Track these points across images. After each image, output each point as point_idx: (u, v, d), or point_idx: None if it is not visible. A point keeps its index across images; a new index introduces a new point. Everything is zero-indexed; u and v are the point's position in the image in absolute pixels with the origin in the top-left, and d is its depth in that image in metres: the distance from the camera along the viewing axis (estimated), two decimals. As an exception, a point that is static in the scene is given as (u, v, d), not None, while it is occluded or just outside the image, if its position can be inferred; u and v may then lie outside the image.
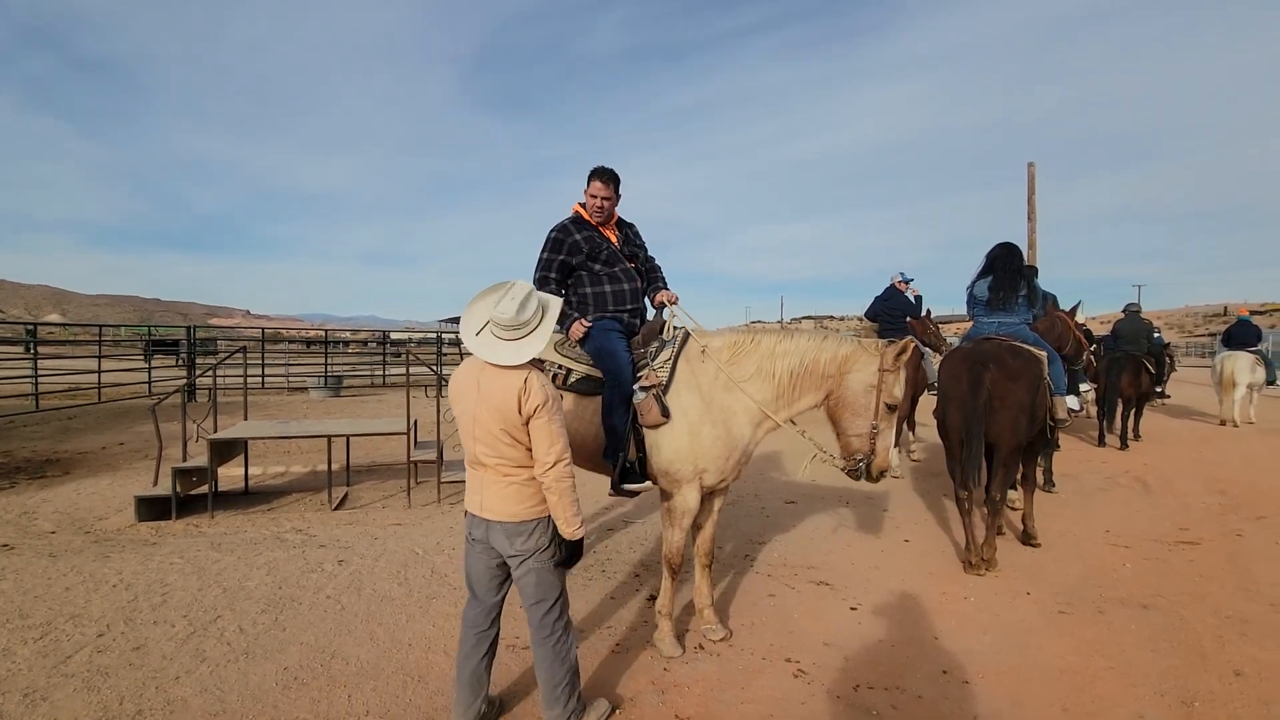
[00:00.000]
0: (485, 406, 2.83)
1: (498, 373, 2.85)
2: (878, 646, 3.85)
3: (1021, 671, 3.60)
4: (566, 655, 2.98)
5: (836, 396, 3.69)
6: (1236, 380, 11.74)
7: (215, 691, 3.34)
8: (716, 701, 3.30)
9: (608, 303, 4.11)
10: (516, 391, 2.78)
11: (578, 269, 4.13)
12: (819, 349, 3.72)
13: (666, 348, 3.92)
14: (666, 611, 3.81)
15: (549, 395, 2.83)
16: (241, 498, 7.04)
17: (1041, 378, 5.26)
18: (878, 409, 3.61)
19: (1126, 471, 8.44)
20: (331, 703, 3.26)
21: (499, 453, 2.86)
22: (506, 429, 2.82)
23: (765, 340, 3.81)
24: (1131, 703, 3.32)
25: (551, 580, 2.96)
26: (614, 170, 4.08)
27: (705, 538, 4.04)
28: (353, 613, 4.22)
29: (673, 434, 3.68)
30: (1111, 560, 5.26)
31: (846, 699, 3.33)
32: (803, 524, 6.19)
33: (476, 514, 2.96)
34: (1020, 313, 5.70)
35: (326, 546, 5.42)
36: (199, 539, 5.60)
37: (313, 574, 4.81)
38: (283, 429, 7.24)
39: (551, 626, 2.96)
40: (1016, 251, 5.75)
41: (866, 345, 3.73)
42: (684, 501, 3.72)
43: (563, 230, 4.10)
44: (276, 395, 16.00)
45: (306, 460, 8.68)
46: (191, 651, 3.71)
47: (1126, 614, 4.30)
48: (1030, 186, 17.19)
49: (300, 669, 3.56)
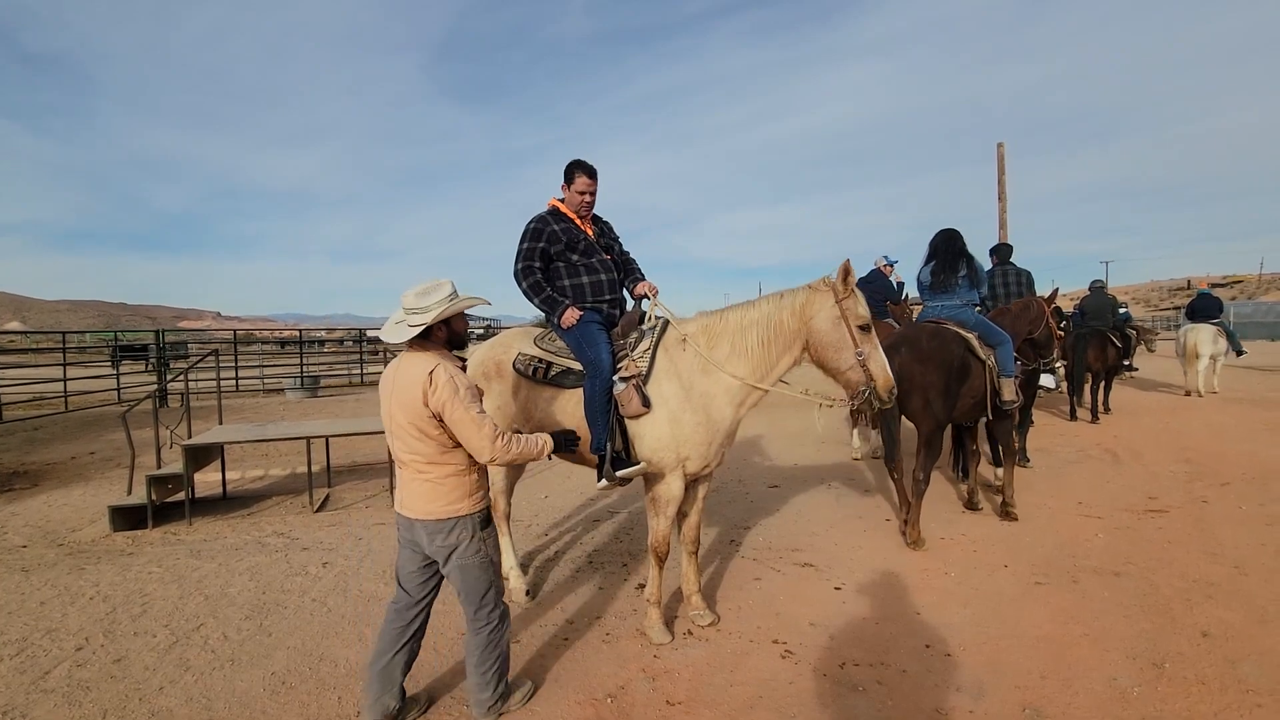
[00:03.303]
0: (397, 401, 2.89)
1: (407, 368, 2.90)
2: (862, 624, 3.93)
3: (1001, 642, 3.69)
4: (499, 644, 3.07)
5: (813, 343, 3.69)
6: (1200, 352, 12.02)
7: (201, 700, 3.31)
8: (706, 685, 3.34)
9: (586, 294, 4.11)
10: (421, 384, 2.81)
11: (556, 260, 4.13)
12: (778, 307, 3.73)
13: (645, 337, 3.93)
14: (655, 599, 3.85)
15: (458, 386, 2.84)
16: (220, 503, 6.93)
17: (964, 359, 5.32)
18: (853, 335, 3.61)
19: (1097, 444, 8.63)
20: (321, 705, 3.25)
21: (411, 448, 2.91)
22: (415, 423, 2.86)
23: (731, 316, 3.82)
24: (1106, 666, 3.44)
25: (477, 576, 3.01)
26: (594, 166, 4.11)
27: (691, 525, 4.08)
28: (339, 615, 4.20)
29: (654, 423, 3.69)
30: (1084, 531, 5.40)
31: (833, 677, 3.39)
32: (786, 507, 6.26)
33: (399, 512, 3.02)
34: (961, 294, 5.72)
35: (310, 549, 5.38)
36: (177, 547, 5.52)
37: (297, 577, 4.78)
38: (260, 432, 7.15)
39: (485, 618, 3.04)
40: (956, 235, 5.80)
41: (815, 285, 3.74)
42: (668, 490, 3.74)
43: (541, 220, 4.10)
44: (252, 398, 15.74)
45: (285, 463, 8.56)
46: (175, 661, 3.67)
47: (1099, 582, 4.42)
48: (1000, 166, 17.28)
49: (288, 673, 3.54)
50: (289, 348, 27.43)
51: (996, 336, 5.63)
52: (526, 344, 4.19)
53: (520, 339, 4.28)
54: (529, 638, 3.88)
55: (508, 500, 4.57)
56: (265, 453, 9.33)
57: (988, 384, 5.49)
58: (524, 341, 4.23)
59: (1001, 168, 17.28)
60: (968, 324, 5.61)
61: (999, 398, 5.52)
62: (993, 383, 5.50)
